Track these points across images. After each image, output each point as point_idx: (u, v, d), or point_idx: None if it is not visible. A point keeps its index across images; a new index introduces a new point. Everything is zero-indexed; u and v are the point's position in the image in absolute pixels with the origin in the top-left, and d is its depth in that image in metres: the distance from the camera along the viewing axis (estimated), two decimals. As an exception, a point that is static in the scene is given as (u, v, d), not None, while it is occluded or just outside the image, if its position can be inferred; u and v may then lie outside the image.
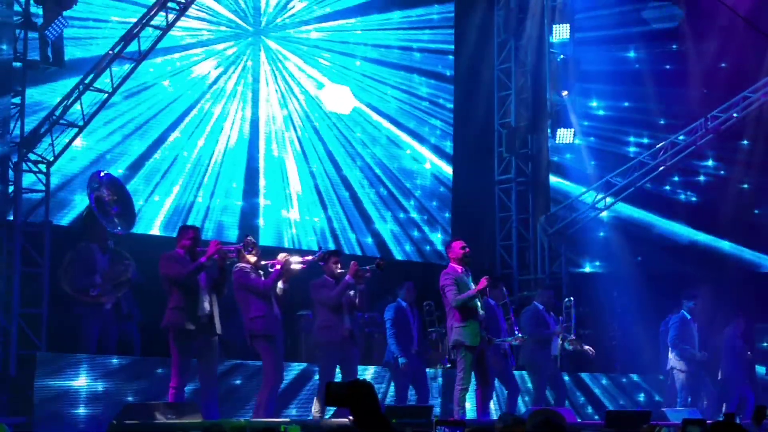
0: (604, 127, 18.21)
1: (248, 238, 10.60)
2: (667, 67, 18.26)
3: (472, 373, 10.80)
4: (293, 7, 15.72)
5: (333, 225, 15.76)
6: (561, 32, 16.76)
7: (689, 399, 13.89)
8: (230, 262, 10.32)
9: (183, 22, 12.99)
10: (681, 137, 16.66)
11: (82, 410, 10.65)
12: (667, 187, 18.14)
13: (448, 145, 17.36)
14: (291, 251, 11.63)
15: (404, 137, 16.86)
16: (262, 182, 15.08)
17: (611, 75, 18.06)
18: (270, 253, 10.97)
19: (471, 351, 10.67)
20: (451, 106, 17.44)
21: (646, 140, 18.12)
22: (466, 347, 10.65)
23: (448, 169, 17.29)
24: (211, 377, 10.18)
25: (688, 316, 14.07)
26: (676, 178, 18.14)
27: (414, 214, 16.80)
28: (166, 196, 14.06)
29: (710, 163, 18.20)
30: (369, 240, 16.13)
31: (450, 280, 10.73)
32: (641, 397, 15.44)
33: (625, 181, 17.02)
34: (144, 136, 13.94)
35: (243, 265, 10.39)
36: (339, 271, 11.01)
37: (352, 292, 11.04)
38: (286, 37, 15.66)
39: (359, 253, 15.67)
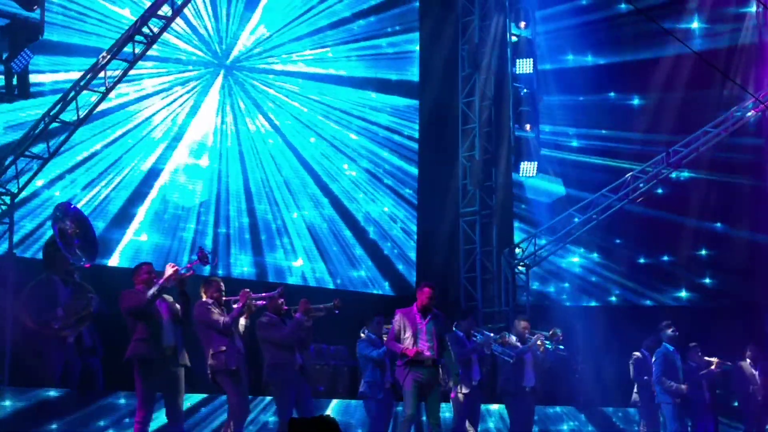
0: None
1: (202, 250, 10.56)
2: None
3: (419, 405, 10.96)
4: (268, 54, 15.98)
5: (288, 258, 15.81)
6: (525, 66, 16.95)
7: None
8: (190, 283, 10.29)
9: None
10: (642, 171, 16.85)
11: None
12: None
13: (413, 178, 17.45)
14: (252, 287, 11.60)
15: (369, 168, 16.96)
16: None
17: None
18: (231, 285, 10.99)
19: (406, 388, 10.85)
20: (416, 139, 17.56)
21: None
22: (401, 385, 10.91)
23: (413, 201, 17.37)
24: (177, 410, 10.09)
25: (671, 348, 13.98)
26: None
27: (378, 246, 16.83)
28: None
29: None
30: (324, 269, 16.16)
31: (396, 320, 11.00)
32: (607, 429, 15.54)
33: (587, 215, 17.17)
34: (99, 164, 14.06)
35: (205, 300, 10.38)
36: (285, 308, 10.98)
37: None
38: (250, 75, 15.81)
39: (314, 284, 15.78)
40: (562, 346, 13.71)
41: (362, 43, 17.10)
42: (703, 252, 17.99)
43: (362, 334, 12.54)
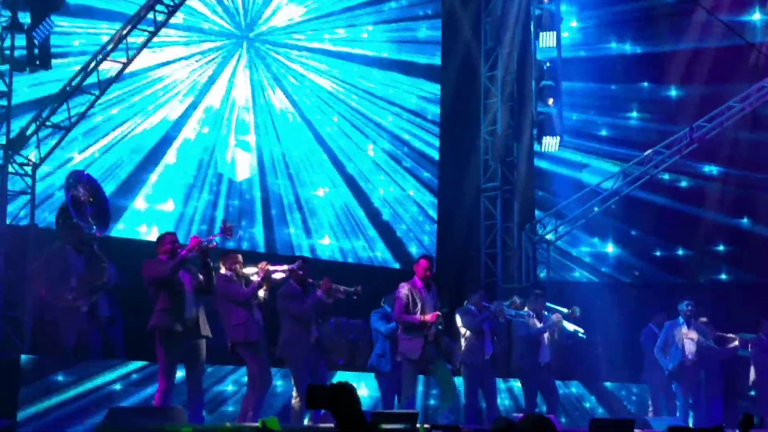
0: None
1: (225, 223, 10.58)
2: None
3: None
4: (293, 30, 15.91)
5: (308, 229, 15.77)
6: (547, 40, 16.78)
7: (682, 405, 13.85)
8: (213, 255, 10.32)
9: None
10: (665, 146, 16.73)
11: (66, 414, 10.55)
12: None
13: (434, 153, 17.36)
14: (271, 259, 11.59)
15: (390, 144, 16.88)
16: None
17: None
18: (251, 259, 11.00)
19: (412, 364, 11.03)
20: (438, 113, 17.46)
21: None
22: (407, 360, 11.02)
23: (434, 177, 17.30)
24: (197, 381, 10.16)
25: (681, 321, 13.93)
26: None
27: (394, 227, 16.77)
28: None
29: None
30: (349, 246, 16.12)
31: (403, 293, 11.11)
32: (625, 405, 15.50)
33: (610, 190, 17.08)
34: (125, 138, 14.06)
35: (224, 272, 10.40)
36: (310, 281, 10.98)
37: None
38: (272, 49, 15.73)
39: (339, 259, 15.80)
40: (581, 329, 13.68)
41: (393, 25, 17.01)
42: (721, 247, 17.77)
43: (384, 305, 12.61)
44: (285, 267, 10.91)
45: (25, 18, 11.92)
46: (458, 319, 12.37)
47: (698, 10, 16.16)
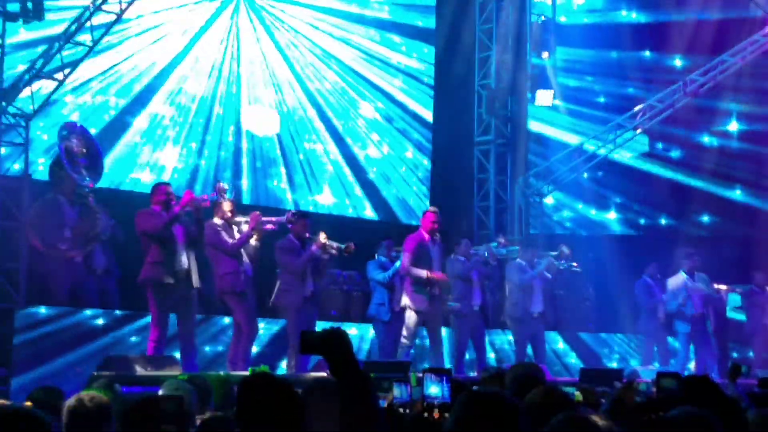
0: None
1: (219, 183, 10.66)
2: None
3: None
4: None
5: (294, 180, 15.77)
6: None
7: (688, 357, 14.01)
8: (206, 212, 10.38)
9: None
10: (658, 100, 16.72)
11: (61, 363, 10.66)
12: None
13: (428, 106, 17.34)
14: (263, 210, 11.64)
15: (383, 97, 16.86)
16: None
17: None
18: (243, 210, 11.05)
19: (417, 315, 11.39)
20: (432, 67, 17.41)
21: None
22: (411, 309, 11.34)
23: (427, 131, 17.29)
24: (190, 331, 10.27)
25: (685, 275, 14.01)
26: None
27: (389, 179, 16.79)
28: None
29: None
30: (339, 203, 16.16)
31: (411, 246, 11.33)
32: (614, 355, 15.68)
33: (603, 144, 17.11)
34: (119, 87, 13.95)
35: (215, 221, 10.46)
36: (307, 235, 11.05)
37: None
38: (268, 3, 15.62)
39: (333, 212, 15.85)
40: (574, 263, 13.79)
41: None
42: (705, 218, 17.75)
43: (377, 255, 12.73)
44: (276, 219, 11.01)
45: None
46: (447, 269, 12.49)
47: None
